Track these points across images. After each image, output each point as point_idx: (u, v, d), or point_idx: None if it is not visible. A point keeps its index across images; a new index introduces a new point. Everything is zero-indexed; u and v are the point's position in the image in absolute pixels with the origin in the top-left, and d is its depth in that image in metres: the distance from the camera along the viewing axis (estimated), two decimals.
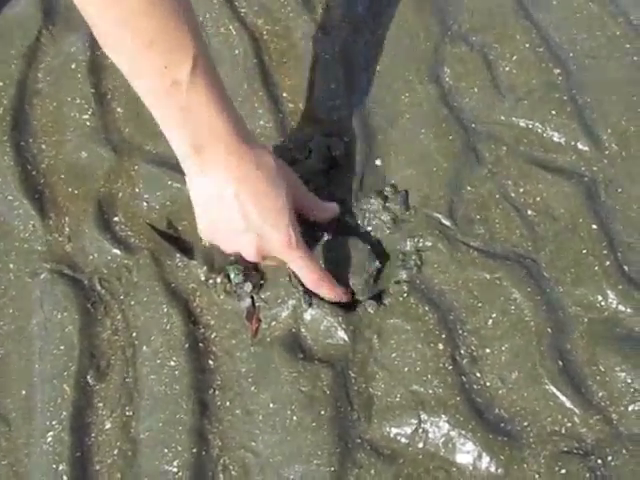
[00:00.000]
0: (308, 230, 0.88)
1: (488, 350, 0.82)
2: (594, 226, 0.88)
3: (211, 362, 0.85)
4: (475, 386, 0.81)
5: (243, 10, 1.10)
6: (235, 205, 0.80)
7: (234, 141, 0.79)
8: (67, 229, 0.94)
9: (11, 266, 0.92)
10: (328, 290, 0.85)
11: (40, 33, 1.09)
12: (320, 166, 0.94)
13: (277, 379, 0.83)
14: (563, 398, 0.79)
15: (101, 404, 0.84)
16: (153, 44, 0.72)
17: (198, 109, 0.76)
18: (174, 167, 0.96)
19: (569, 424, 0.78)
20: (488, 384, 0.81)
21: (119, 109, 1.03)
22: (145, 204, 0.95)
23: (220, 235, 0.84)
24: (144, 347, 0.86)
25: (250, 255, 0.83)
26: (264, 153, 0.82)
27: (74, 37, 1.08)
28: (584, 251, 0.87)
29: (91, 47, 1.07)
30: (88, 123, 1.01)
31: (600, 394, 0.79)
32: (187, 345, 0.85)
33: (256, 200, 0.80)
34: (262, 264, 0.89)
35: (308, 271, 0.83)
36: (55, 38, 1.10)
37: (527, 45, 1.03)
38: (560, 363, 0.80)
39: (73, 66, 1.06)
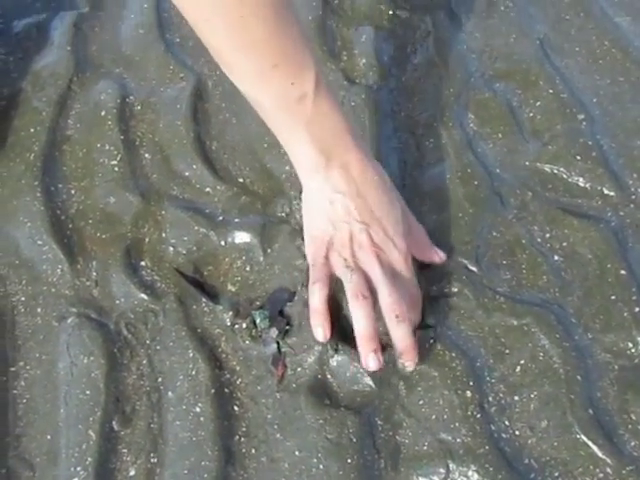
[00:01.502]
0: None
1: (517, 398, 0.81)
2: (622, 271, 0.87)
3: (236, 408, 0.85)
4: (504, 435, 0.79)
5: None
6: (353, 209, 0.80)
7: (357, 149, 0.82)
8: (94, 273, 0.95)
9: (39, 310, 0.93)
10: (411, 359, 0.81)
11: (71, 81, 1.12)
12: None
13: (303, 426, 0.82)
14: (594, 447, 0.77)
15: (126, 450, 0.83)
16: (277, 67, 0.75)
17: (323, 120, 0.79)
18: (201, 212, 0.98)
19: (601, 474, 0.76)
20: (517, 433, 0.79)
21: (147, 155, 1.05)
22: (172, 249, 0.96)
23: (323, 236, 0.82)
24: (169, 392, 0.86)
25: (377, 272, 0.80)
26: (381, 168, 0.85)
27: (104, 85, 1.11)
28: (613, 297, 0.86)
29: (121, 95, 1.09)
30: (116, 169, 1.03)
31: (632, 443, 0.78)
32: (213, 391, 0.85)
33: (381, 206, 0.81)
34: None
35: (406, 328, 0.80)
36: (85, 86, 1.12)
37: (550, 91, 1.04)
38: (591, 411, 0.79)
39: (103, 113, 1.08)
